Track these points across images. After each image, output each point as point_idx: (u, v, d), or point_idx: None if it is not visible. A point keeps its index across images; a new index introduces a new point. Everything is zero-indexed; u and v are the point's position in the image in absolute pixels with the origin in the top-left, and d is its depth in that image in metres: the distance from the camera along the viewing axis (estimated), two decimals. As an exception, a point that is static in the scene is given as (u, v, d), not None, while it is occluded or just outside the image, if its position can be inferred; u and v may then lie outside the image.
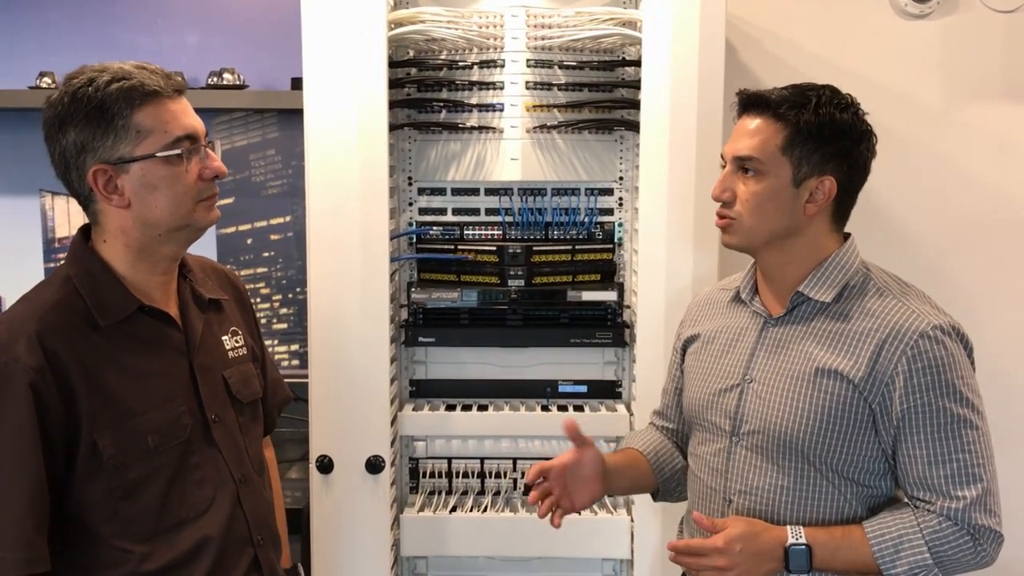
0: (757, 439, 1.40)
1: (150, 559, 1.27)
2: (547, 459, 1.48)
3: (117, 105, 1.24)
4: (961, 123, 2.29)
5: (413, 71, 1.96)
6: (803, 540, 1.31)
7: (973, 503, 1.31)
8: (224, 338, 1.42)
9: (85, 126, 1.24)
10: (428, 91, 1.96)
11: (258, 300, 2.49)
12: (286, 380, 2.31)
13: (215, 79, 2.36)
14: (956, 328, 1.34)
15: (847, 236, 1.44)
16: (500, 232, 2.01)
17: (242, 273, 2.48)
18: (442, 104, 1.95)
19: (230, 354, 1.42)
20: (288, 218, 2.47)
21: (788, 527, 1.34)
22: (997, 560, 2.35)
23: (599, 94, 1.95)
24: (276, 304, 2.50)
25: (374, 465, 1.84)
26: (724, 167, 1.42)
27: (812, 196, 1.37)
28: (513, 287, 1.97)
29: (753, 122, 1.38)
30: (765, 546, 1.32)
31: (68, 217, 2.48)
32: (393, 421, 1.93)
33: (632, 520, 1.94)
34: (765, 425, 1.39)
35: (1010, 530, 2.35)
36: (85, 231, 1.33)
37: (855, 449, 1.35)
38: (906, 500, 1.37)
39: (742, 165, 1.38)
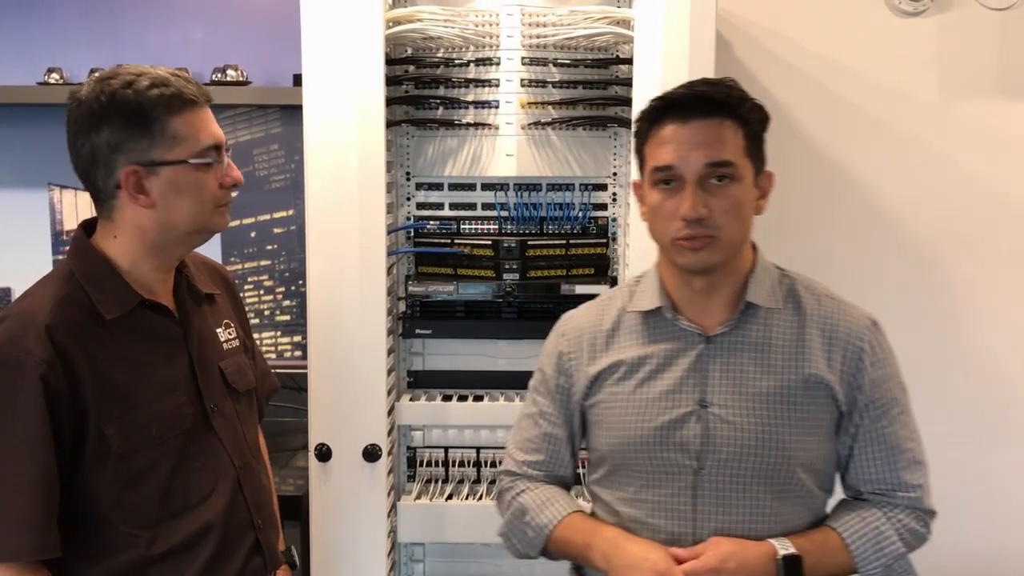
0: (732, 467, 1.30)
1: (157, 543, 1.31)
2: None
3: (157, 110, 1.28)
4: (956, 119, 2.32)
5: (411, 68, 2.00)
6: (793, 550, 1.27)
7: (926, 489, 1.35)
8: (218, 330, 1.47)
9: (123, 127, 1.27)
10: (425, 88, 1.99)
11: (261, 292, 2.54)
12: (289, 371, 2.36)
13: (219, 75, 2.41)
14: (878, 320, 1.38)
15: None
16: (496, 227, 2.05)
17: (245, 266, 2.52)
18: (439, 101, 1.98)
19: (225, 346, 1.46)
20: (291, 212, 2.51)
21: (771, 540, 1.28)
22: (997, 552, 2.41)
23: (593, 91, 1.98)
24: (279, 296, 2.55)
25: (371, 454, 1.88)
26: (667, 183, 1.28)
27: (763, 193, 1.33)
28: (508, 280, 2.00)
29: (709, 125, 1.26)
30: (756, 561, 1.26)
31: (76, 210, 2.52)
32: (391, 411, 1.98)
33: (624, 509, 1.97)
34: (741, 450, 1.29)
35: (1009, 523, 2.40)
36: (85, 227, 1.37)
37: (826, 454, 1.35)
38: (855, 496, 1.37)
39: (714, 173, 1.26)
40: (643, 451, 1.33)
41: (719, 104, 1.27)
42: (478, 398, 2.06)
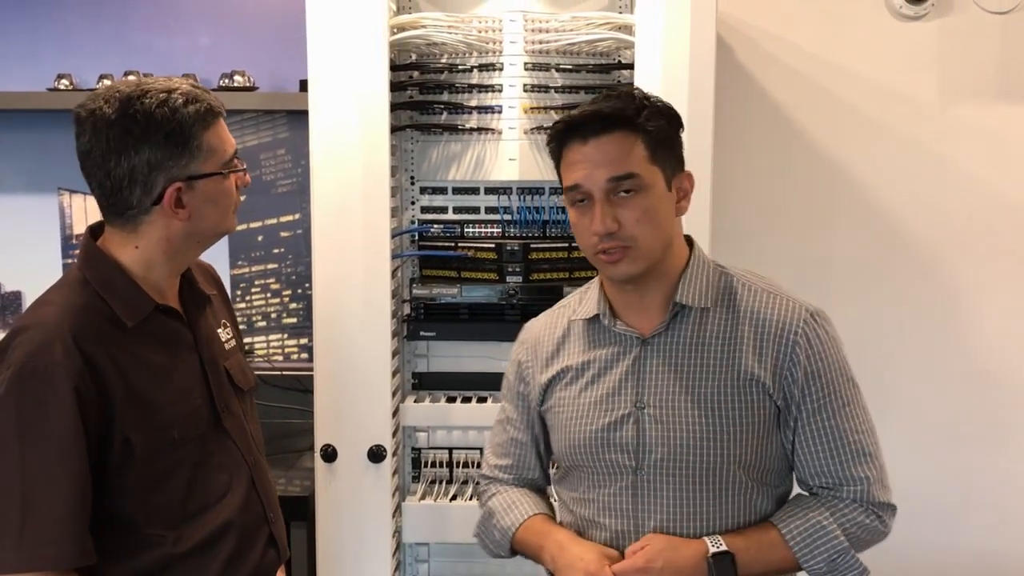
0: (667, 467, 1.32)
1: (181, 542, 1.34)
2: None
3: (195, 127, 1.30)
4: (956, 122, 2.34)
5: (415, 74, 2.03)
6: (724, 547, 1.28)
7: (874, 482, 1.32)
8: (219, 331, 1.49)
9: (164, 146, 1.28)
10: (429, 94, 2.02)
11: (268, 295, 2.57)
12: (296, 373, 2.38)
13: (226, 81, 2.43)
14: (823, 312, 1.36)
15: (687, 238, 1.41)
16: (499, 230, 2.07)
17: (252, 269, 2.55)
18: (443, 106, 2.01)
19: (226, 346, 1.49)
20: (297, 216, 2.54)
21: (705, 538, 1.30)
22: (997, 551, 2.43)
23: (595, 96, 2.00)
24: (286, 299, 2.57)
25: (376, 455, 1.91)
26: (581, 201, 1.30)
27: (684, 194, 1.35)
28: (511, 283, 2.02)
29: (606, 141, 1.28)
30: (687, 560, 1.28)
31: (85, 214, 2.56)
32: (395, 412, 2.00)
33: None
34: (674, 450, 1.31)
35: (1010, 522, 2.41)
36: (92, 232, 1.38)
37: (767, 451, 1.34)
38: (807, 491, 1.37)
39: (620, 187, 1.28)
40: (587, 453, 1.37)
41: (615, 119, 1.29)
42: (482, 400, 2.08)
